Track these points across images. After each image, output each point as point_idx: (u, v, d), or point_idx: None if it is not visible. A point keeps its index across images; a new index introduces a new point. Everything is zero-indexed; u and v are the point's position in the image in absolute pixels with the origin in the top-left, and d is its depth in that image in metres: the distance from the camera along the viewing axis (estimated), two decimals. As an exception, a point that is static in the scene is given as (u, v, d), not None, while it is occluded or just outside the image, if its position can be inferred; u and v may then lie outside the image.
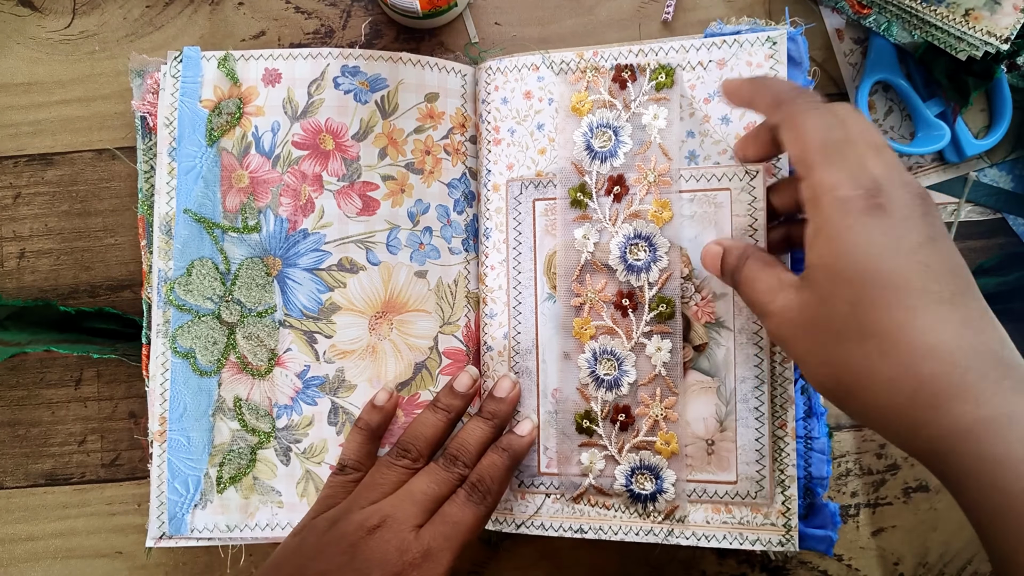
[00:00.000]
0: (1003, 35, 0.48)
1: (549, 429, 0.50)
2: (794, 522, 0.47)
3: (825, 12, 0.55)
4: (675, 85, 0.50)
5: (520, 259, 0.51)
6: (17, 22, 0.57)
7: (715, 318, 0.49)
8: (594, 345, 0.49)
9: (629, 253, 0.49)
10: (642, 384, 0.49)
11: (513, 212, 0.52)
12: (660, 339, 0.49)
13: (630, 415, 0.49)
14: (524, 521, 0.50)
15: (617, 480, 0.49)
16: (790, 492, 0.47)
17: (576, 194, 0.50)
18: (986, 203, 0.55)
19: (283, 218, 0.51)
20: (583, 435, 0.50)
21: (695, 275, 0.49)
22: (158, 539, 0.50)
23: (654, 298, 0.49)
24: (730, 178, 0.48)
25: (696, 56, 0.50)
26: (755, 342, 0.48)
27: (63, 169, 0.57)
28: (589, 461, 0.49)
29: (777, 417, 0.48)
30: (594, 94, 0.51)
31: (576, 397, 0.50)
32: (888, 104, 0.55)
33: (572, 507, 0.50)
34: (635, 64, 0.50)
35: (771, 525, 0.47)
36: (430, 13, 0.53)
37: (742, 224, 0.48)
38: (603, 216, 0.50)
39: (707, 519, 0.48)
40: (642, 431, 0.49)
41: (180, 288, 0.50)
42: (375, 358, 0.51)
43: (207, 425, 0.50)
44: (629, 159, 0.50)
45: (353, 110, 0.51)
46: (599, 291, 0.50)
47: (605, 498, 0.49)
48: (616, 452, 0.49)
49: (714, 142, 0.49)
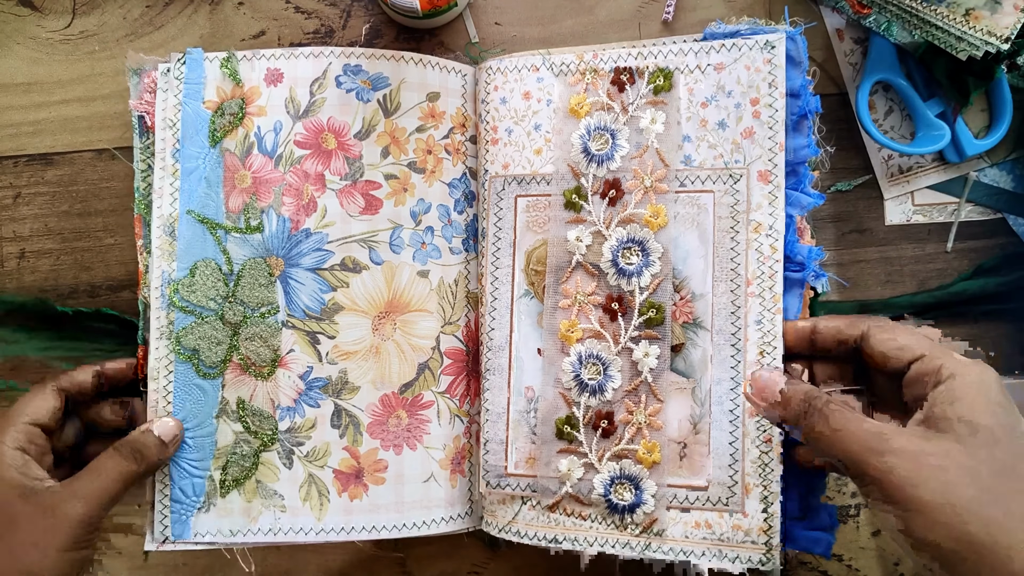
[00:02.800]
0: (1003, 35, 0.48)
1: (519, 428, 0.50)
2: (776, 540, 0.45)
3: (825, 12, 0.55)
4: (673, 89, 0.49)
5: (499, 255, 0.51)
6: (17, 22, 0.57)
7: (693, 318, 0.48)
8: (580, 348, 0.49)
9: (621, 257, 0.49)
10: (627, 390, 0.48)
11: (494, 208, 0.51)
12: (648, 344, 0.48)
13: (612, 422, 0.48)
14: (503, 526, 0.50)
15: (595, 489, 0.47)
16: (773, 509, 0.45)
17: (571, 196, 0.50)
18: (986, 203, 0.55)
19: (285, 218, 0.50)
20: (562, 441, 0.49)
21: (674, 274, 0.48)
22: (160, 543, 0.49)
23: (645, 303, 0.48)
24: (713, 180, 0.48)
25: (695, 59, 0.49)
26: (732, 343, 0.47)
27: (63, 169, 0.57)
28: (567, 468, 0.48)
29: (762, 431, 0.46)
30: (593, 96, 0.50)
31: (557, 400, 0.49)
32: (888, 104, 0.56)
33: (548, 516, 0.48)
34: (634, 67, 0.50)
35: (751, 543, 0.46)
36: (430, 13, 0.53)
37: (724, 226, 0.48)
38: (597, 219, 0.49)
39: (686, 534, 0.47)
40: (624, 439, 0.48)
41: (184, 289, 0.50)
42: (379, 359, 0.50)
43: (211, 428, 0.50)
44: (625, 163, 0.49)
45: (355, 109, 0.51)
46: (588, 294, 0.49)
47: (582, 507, 0.48)
48: (596, 460, 0.48)
49: (710, 146, 0.49)
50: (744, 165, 0.48)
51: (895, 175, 0.55)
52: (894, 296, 0.55)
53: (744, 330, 0.47)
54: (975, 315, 0.55)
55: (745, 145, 0.48)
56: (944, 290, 0.55)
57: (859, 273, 0.56)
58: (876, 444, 0.37)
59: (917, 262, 0.56)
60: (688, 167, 0.49)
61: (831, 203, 0.56)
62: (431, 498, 0.50)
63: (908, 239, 0.56)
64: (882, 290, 0.56)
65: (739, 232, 0.48)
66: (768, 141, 0.48)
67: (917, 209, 0.56)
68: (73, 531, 0.43)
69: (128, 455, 0.46)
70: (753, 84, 0.48)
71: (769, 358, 0.47)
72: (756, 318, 0.47)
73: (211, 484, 0.50)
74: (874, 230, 0.56)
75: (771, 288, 0.47)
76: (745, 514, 0.46)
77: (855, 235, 0.56)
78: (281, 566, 0.57)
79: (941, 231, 0.56)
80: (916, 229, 0.56)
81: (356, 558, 0.57)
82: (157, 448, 0.47)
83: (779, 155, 0.48)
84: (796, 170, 0.49)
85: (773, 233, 0.47)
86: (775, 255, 0.47)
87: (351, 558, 0.57)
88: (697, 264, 0.48)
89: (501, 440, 0.50)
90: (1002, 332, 0.55)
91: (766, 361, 0.47)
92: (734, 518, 0.46)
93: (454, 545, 0.56)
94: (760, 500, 0.46)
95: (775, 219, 0.47)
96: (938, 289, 0.55)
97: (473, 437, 0.52)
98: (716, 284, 0.48)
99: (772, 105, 0.48)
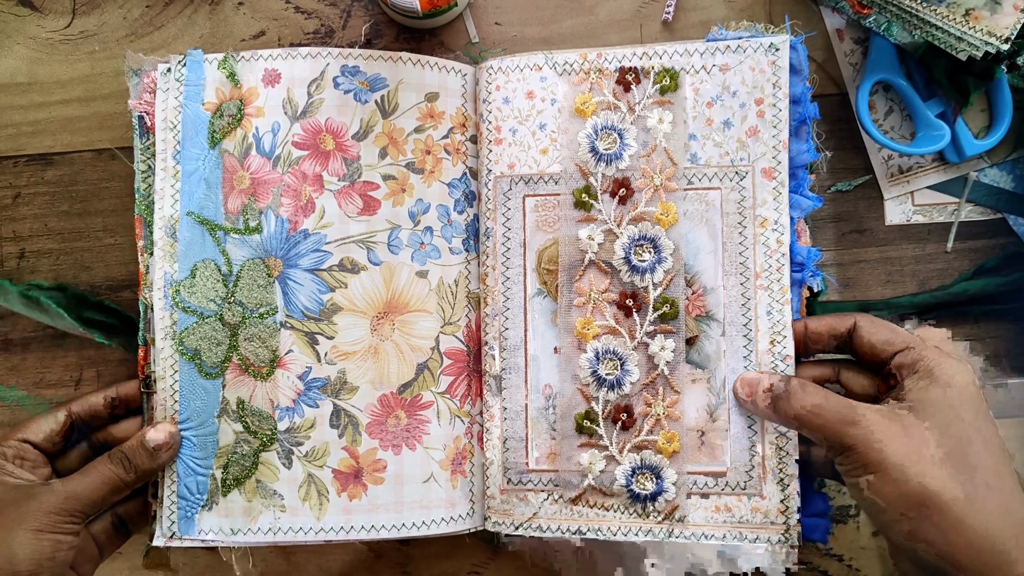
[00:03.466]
0: (1003, 35, 0.48)
1: (539, 425, 0.51)
2: (794, 520, 0.47)
3: (825, 12, 0.55)
4: (679, 89, 0.50)
5: (509, 255, 0.52)
6: (17, 22, 0.57)
7: (705, 311, 0.49)
8: (596, 345, 0.50)
9: (633, 254, 0.50)
10: (644, 384, 0.49)
11: (502, 208, 0.52)
12: (664, 339, 0.49)
13: (632, 415, 0.49)
14: (522, 523, 0.50)
15: (617, 480, 0.49)
16: (790, 490, 0.48)
17: (581, 195, 0.50)
18: (986, 203, 0.55)
19: (284, 219, 0.50)
20: (583, 435, 0.50)
21: (686, 269, 0.50)
22: (168, 539, 0.50)
23: (658, 298, 0.49)
24: (720, 178, 0.50)
25: (700, 60, 0.50)
26: (744, 334, 0.49)
27: (63, 169, 0.57)
28: (589, 462, 0.49)
29: None
30: (598, 96, 0.51)
31: (575, 396, 0.50)
32: (888, 104, 0.56)
33: (570, 508, 0.50)
34: (639, 67, 0.51)
35: (771, 524, 0.48)
36: (430, 13, 0.53)
37: (732, 222, 0.49)
38: (608, 217, 0.50)
39: (707, 518, 0.48)
40: (644, 430, 0.49)
41: (184, 290, 0.50)
42: (377, 359, 0.51)
43: (213, 427, 0.50)
44: (634, 161, 0.50)
45: (353, 110, 0.51)
46: (602, 291, 0.50)
47: (604, 499, 0.49)
48: (617, 452, 0.49)
49: (715, 144, 0.50)
50: (749, 162, 0.49)
51: (895, 175, 0.55)
52: (894, 296, 0.55)
53: (755, 321, 0.49)
54: (975, 315, 0.55)
55: (750, 143, 0.50)
56: (944, 290, 0.55)
57: (859, 273, 0.56)
58: (849, 415, 0.42)
59: (917, 262, 0.56)
60: (695, 165, 0.50)
61: (831, 203, 0.56)
62: (431, 498, 0.50)
63: (908, 239, 0.56)
64: (882, 290, 0.56)
65: (746, 227, 0.49)
66: (772, 139, 0.49)
67: (917, 209, 0.56)
68: (46, 515, 0.44)
69: (118, 462, 0.47)
70: (758, 85, 0.49)
71: (780, 347, 0.48)
72: (766, 309, 0.49)
73: (213, 483, 0.50)
74: (874, 230, 0.56)
75: (779, 280, 0.49)
76: (763, 496, 0.48)
77: (855, 235, 0.56)
78: (281, 566, 0.57)
79: (941, 231, 0.56)
80: (916, 229, 0.56)
81: (356, 558, 0.57)
82: (146, 456, 0.48)
83: (782, 153, 0.49)
84: (795, 173, 0.50)
85: (779, 227, 0.49)
86: (781, 248, 0.49)
87: (351, 558, 0.57)
88: (707, 259, 0.50)
89: (521, 437, 0.51)
90: (1002, 332, 0.55)
91: (777, 350, 0.48)
92: (753, 501, 0.48)
93: (454, 545, 0.56)
94: (777, 482, 0.48)
95: (780, 214, 0.49)
96: (938, 289, 0.55)
97: (475, 438, 0.52)
98: (726, 278, 0.49)
99: (776, 105, 0.49)
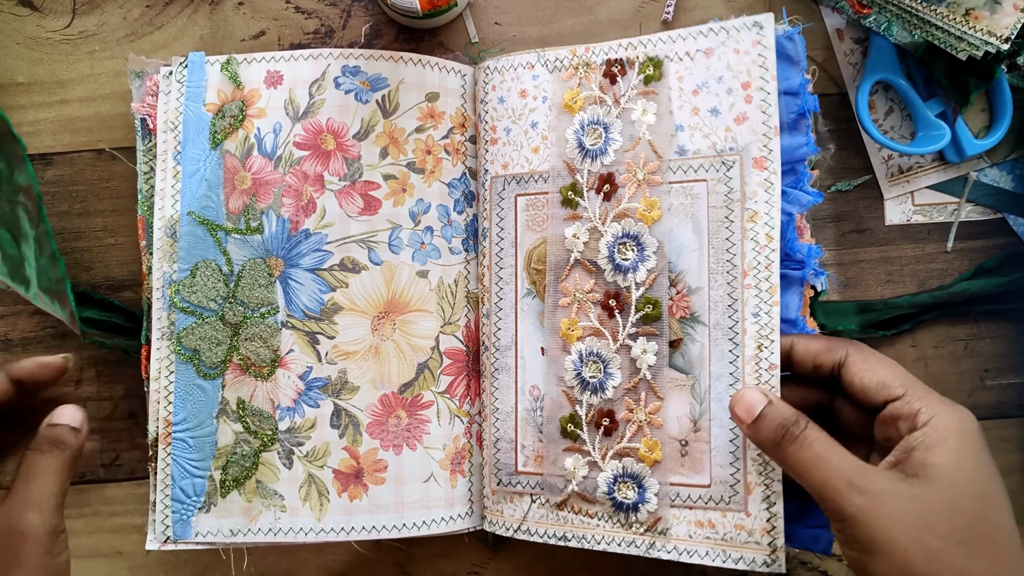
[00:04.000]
0: (1003, 35, 0.48)
1: (527, 427, 0.50)
2: (780, 541, 0.44)
3: (825, 12, 0.55)
4: (663, 78, 0.48)
5: (502, 255, 0.51)
6: (17, 22, 0.57)
7: (690, 313, 0.47)
8: (581, 346, 0.48)
9: (617, 253, 0.48)
10: (627, 388, 0.48)
11: (496, 208, 0.51)
12: (646, 341, 0.47)
13: (614, 420, 0.48)
14: (512, 526, 0.50)
15: (600, 487, 0.47)
16: (775, 509, 0.44)
17: (568, 193, 0.49)
18: (986, 203, 0.55)
19: (285, 219, 0.50)
20: (567, 439, 0.49)
21: (670, 268, 0.48)
22: (162, 543, 0.49)
23: (641, 299, 0.48)
24: (707, 169, 0.47)
25: (684, 46, 0.48)
26: (730, 337, 0.46)
27: (63, 169, 0.57)
28: (573, 467, 0.48)
29: None
30: (586, 90, 0.50)
31: (561, 399, 0.49)
32: (888, 104, 0.56)
33: (557, 514, 0.49)
34: (624, 58, 0.49)
35: (755, 544, 0.45)
36: (430, 13, 0.53)
37: (719, 216, 0.46)
38: (593, 215, 0.49)
39: (690, 533, 0.46)
40: (626, 437, 0.48)
41: (185, 290, 0.50)
42: (378, 359, 0.51)
43: (211, 428, 0.50)
44: (619, 156, 0.49)
45: (354, 110, 0.51)
46: (587, 291, 0.49)
47: (589, 505, 0.48)
48: (599, 458, 0.48)
49: (704, 135, 0.47)
50: (737, 152, 0.46)
51: (895, 175, 0.55)
52: (894, 296, 0.55)
53: (741, 323, 0.46)
54: (975, 315, 0.55)
55: (738, 131, 0.46)
56: (944, 290, 0.55)
57: (859, 273, 0.56)
58: (857, 480, 0.37)
59: (917, 262, 0.56)
60: (683, 157, 0.48)
61: (831, 203, 0.56)
62: (431, 498, 0.50)
63: (908, 239, 0.56)
64: (882, 290, 0.56)
65: (734, 222, 0.46)
66: (762, 126, 0.46)
67: (917, 209, 0.56)
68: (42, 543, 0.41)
69: (49, 448, 0.43)
70: (743, 68, 0.47)
71: (766, 352, 0.45)
72: (753, 311, 0.45)
73: (211, 484, 0.50)
74: (874, 230, 0.56)
75: (768, 279, 0.45)
76: (748, 514, 0.45)
77: (855, 235, 0.56)
78: (281, 566, 0.57)
79: (941, 231, 0.56)
80: (916, 229, 0.56)
81: (356, 558, 0.57)
82: (70, 434, 0.44)
83: (774, 140, 0.46)
84: (795, 168, 0.47)
85: (770, 221, 0.45)
86: (771, 244, 0.45)
87: (351, 558, 0.57)
88: (692, 257, 0.47)
89: (511, 439, 0.50)
90: (1002, 332, 0.55)
91: (763, 356, 0.45)
92: (737, 518, 0.45)
93: (454, 545, 0.56)
94: (763, 500, 0.45)
95: (771, 206, 0.45)
96: (938, 289, 0.55)
97: (473, 437, 0.52)
98: (712, 277, 0.47)
99: (764, 88, 0.46)
